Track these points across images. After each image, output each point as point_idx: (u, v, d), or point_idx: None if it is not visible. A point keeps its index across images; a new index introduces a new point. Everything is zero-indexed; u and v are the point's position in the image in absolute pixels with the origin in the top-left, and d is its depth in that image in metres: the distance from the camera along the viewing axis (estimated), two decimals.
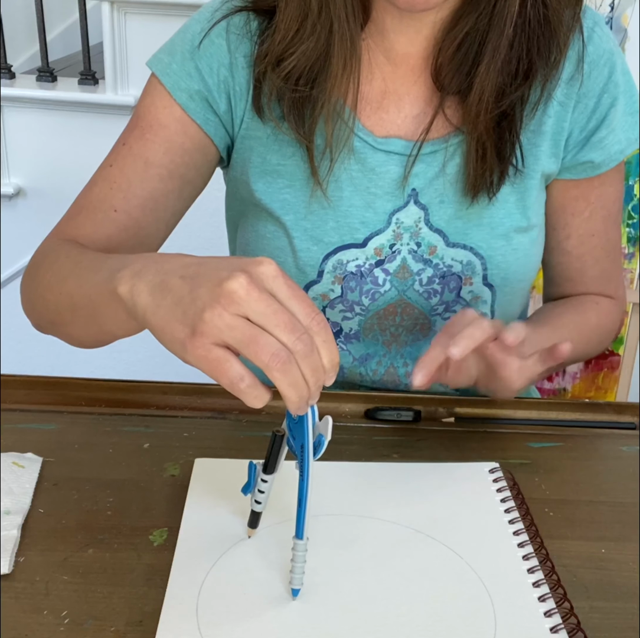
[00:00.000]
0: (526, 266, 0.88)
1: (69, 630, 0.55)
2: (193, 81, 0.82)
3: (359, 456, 0.74)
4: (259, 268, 0.52)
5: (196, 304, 0.51)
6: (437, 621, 0.56)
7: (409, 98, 0.83)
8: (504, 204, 0.84)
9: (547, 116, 0.83)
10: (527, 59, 0.78)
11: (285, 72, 0.78)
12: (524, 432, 0.81)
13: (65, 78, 2.44)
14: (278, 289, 0.52)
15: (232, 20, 0.82)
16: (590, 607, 0.59)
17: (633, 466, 0.76)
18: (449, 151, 0.83)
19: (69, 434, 0.77)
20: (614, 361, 1.56)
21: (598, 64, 0.83)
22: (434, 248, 0.85)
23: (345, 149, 0.82)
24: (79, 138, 2.34)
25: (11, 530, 0.63)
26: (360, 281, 0.85)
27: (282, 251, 0.85)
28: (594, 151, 0.85)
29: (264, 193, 0.84)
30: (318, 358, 0.52)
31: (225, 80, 0.82)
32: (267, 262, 0.52)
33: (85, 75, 2.37)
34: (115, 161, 0.84)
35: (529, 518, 0.66)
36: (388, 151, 0.83)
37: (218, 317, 0.50)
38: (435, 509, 0.68)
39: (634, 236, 1.47)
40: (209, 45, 0.82)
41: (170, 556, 0.61)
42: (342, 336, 0.90)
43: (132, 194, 0.83)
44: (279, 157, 0.83)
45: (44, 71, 2.38)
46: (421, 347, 0.90)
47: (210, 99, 0.83)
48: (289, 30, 0.76)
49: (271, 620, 0.56)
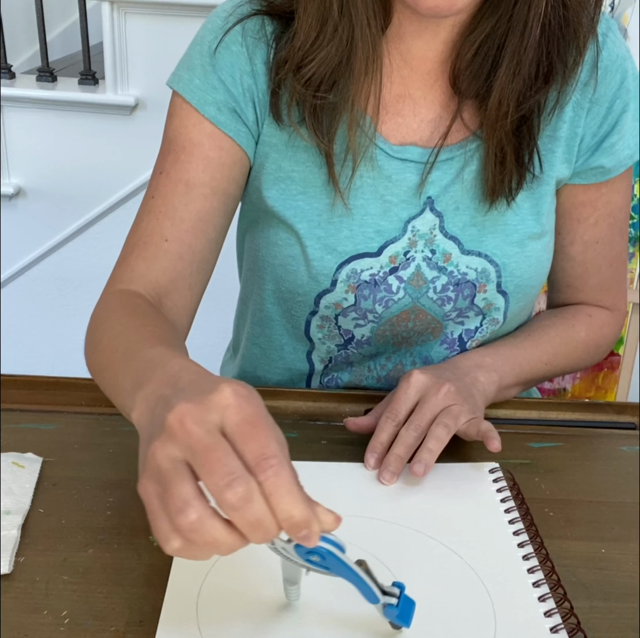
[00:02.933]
0: (538, 272, 0.87)
1: (69, 630, 0.55)
2: (218, 93, 0.80)
3: (359, 456, 0.74)
4: (211, 395, 0.46)
5: (151, 437, 0.48)
6: (437, 621, 0.56)
7: (425, 102, 0.82)
8: (519, 211, 0.84)
9: (562, 122, 0.83)
10: (547, 62, 0.77)
11: (306, 79, 0.76)
12: (524, 432, 0.81)
13: (65, 78, 2.44)
14: (226, 421, 0.45)
15: (247, 24, 0.80)
16: (590, 607, 0.59)
17: (633, 466, 0.76)
18: (466, 157, 0.82)
19: (69, 434, 0.77)
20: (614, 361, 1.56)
21: (611, 70, 0.83)
22: (448, 255, 0.84)
23: (366, 157, 0.80)
24: (79, 138, 2.34)
25: (11, 530, 0.63)
26: (374, 289, 0.84)
27: (294, 259, 0.84)
28: (605, 156, 0.85)
29: (277, 200, 0.83)
30: (260, 509, 0.43)
31: (249, 88, 0.80)
32: (226, 387, 0.46)
33: (85, 76, 2.37)
34: (156, 191, 0.81)
35: (529, 518, 0.66)
36: (404, 159, 0.82)
37: (153, 455, 0.46)
38: (435, 509, 0.68)
39: (634, 236, 1.47)
40: (228, 54, 0.80)
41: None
42: (353, 342, 0.89)
43: (179, 219, 0.80)
44: (293, 163, 0.82)
45: (44, 71, 2.39)
46: (431, 347, 0.90)
47: (238, 110, 0.81)
48: (309, 36, 0.75)
49: (271, 620, 0.56)
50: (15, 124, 2.35)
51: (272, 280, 0.87)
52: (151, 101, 2.30)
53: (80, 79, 2.38)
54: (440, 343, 0.90)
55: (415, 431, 0.71)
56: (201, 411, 0.45)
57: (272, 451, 0.44)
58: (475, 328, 0.89)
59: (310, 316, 0.88)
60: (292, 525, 0.44)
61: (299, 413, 0.83)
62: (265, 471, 0.43)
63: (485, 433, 0.71)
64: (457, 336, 0.89)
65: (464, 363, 0.81)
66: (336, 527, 0.47)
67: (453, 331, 0.89)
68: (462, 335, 0.89)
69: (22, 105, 2.34)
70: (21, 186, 2.43)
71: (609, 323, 0.95)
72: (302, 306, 0.87)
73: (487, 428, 0.72)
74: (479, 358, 0.82)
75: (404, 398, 0.74)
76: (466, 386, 0.76)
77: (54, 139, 2.36)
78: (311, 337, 0.90)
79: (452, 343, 0.90)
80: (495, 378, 0.81)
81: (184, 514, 0.44)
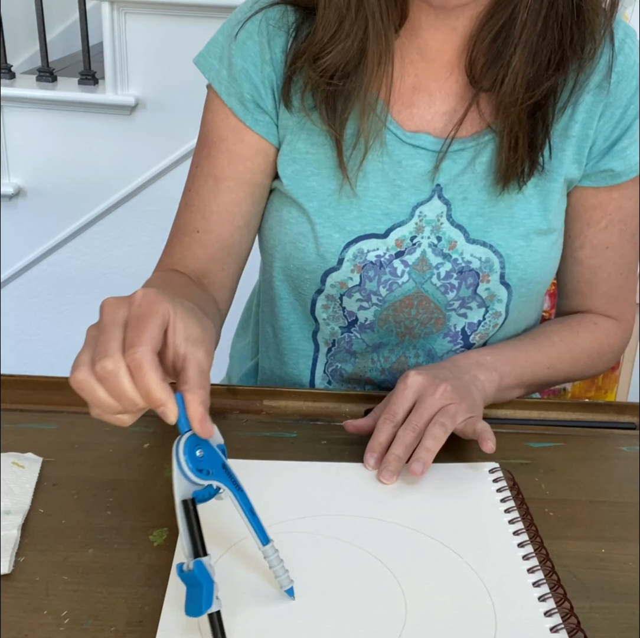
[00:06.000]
0: (544, 268, 0.88)
1: (69, 630, 0.55)
2: (241, 83, 0.84)
3: (359, 456, 0.74)
4: (130, 295, 0.57)
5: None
6: (437, 621, 0.56)
7: (440, 94, 0.84)
8: (526, 204, 0.85)
9: (574, 122, 0.83)
10: (560, 50, 0.78)
11: (322, 69, 0.80)
12: (524, 432, 0.81)
13: (65, 78, 2.44)
14: (129, 314, 0.56)
15: (269, 13, 0.84)
16: (590, 607, 0.59)
17: (633, 466, 0.76)
18: (478, 149, 0.83)
19: (69, 434, 0.77)
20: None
21: (627, 75, 0.83)
22: (454, 243, 0.85)
23: (377, 142, 0.83)
24: (79, 138, 2.34)
25: (11, 530, 0.63)
26: (379, 271, 0.86)
27: (303, 237, 0.86)
28: (615, 160, 0.85)
29: (291, 179, 0.86)
30: (124, 383, 0.53)
31: (269, 76, 0.84)
32: (140, 290, 0.57)
33: (85, 76, 2.37)
34: (192, 185, 0.90)
35: (529, 518, 0.66)
36: (416, 145, 0.84)
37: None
38: (435, 509, 0.68)
39: None
40: (251, 44, 0.84)
41: (170, 556, 0.61)
42: (357, 325, 0.90)
43: (209, 212, 0.88)
44: (308, 145, 0.85)
45: (44, 71, 2.39)
46: (434, 340, 0.91)
47: (257, 99, 0.85)
48: (328, 31, 0.79)
49: (271, 619, 0.56)
50: (15, 124, 2.35)
51: (281, 258, 0.90)
52: (151, 101, 2.30)
53: (80, 79, 2.38)
54: (443, 336, 0.90)
55: (413, 432, 0.71)
56: (116, 304, 0.57)
57: (141, 341, 0.53)
58: (478, 321, 0.89)
59: (316, 295, 0.90)
60: (151, 401, 0.53)
61: (299, 413, 0.83)
62: (130, 355, 0.53)
63: (481, 433, 0.71)
64: (460, 329, 0.90)
65: (464, 361, 0.81)
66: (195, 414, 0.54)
67: (456, 324, 0.89)
68: (465, 328, 0.90)
69: (22, 105, 2.34)
70: (21, 186, 2.43)
71: (615, 332, 0.95)
72: (309, 284, 0.89)
73: (483, 428, 0.72)
74: (479, 356, 0.83)
75: (402, 399, 0.74)
76: (464, 384, 0.77)
77: (54, 139, 2.36)
78: (316, 317, 0.92)
79: (456, 336, 0.90)
80: (495, 377, 0.81)
81: (101, 362, 0.53)
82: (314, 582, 0.59)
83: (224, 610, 0.53)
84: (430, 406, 0.72)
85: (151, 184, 2.38)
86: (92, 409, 0.56)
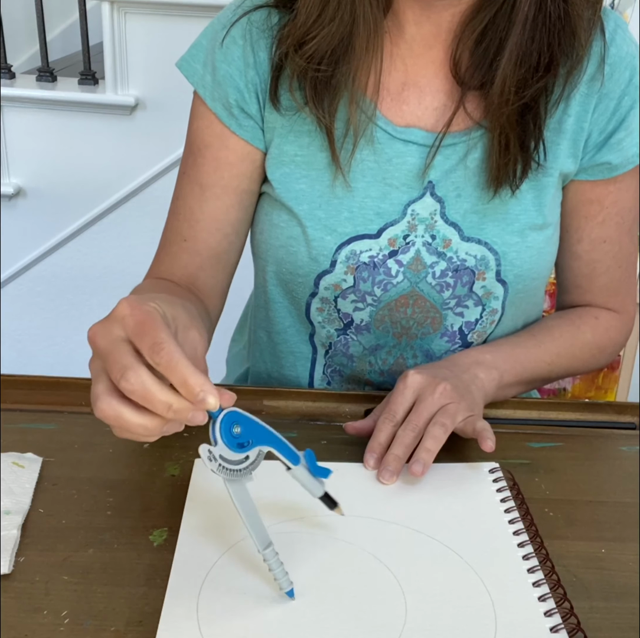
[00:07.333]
0: (540, 264, 0.87)
1: (69, 630, 0.55)
2: (227, 87, 0.83)
3: (358, 456, 0.74)
4: (112, 312, 0.55)
5: None
6: (437, 621, 0.56)
7: (430, 90, 0.84)
8: (521, 200, 0.84)
9: (567, 115, 0.83)
10: (549, 53, 0.78)
11: (307, 55, 0.78)
12: (524, 432, 0.81)
13: (65, 78, 2.44)
14: (125, 329, 0.53)
15: (253, 16, 0.83)
16: (590, 607, 0.59)
17: (633, 466, 0.76)
18: (470, 144, 0.83)
19: (69, 434, 0.77)
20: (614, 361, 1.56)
21: (620, 66, 0.83)
22: (448, 241, 0.85)
23: (365, 137, 0.82)
24: (79, 138, 2.34)
25: (11, 530, 0.63)
26: (372, 271, 0.85)
27: (295, 240, 0.86)
28: (612, 153, 0.85)
29: (280, 183, 0.85)
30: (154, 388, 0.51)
31: (252, 80, 0.83)
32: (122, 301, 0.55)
33: (85, 76, 2.37)
34: (179, 193, 0.90)
35: (529, 518, 0.66)
36: (407, 140, 0.83)
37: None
38: (435, 509, 0.68)
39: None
40: (235, 49, 0.83)
41: (170, 556, 0.61)
42: (352, 327, 0.90)
43: (194, 220, 0.88)
44: (297, 148, 0.84)
45: (44, 71, 2.39)
46: (432, 340, 0.91)
47: (242, 103, 0.84)
48: (310, 14, 0.77)
49: (271, 619, 0.56)
50: (15, 124, 2.36)
51: (274, 262, 0.89)
52: (151, 101, 2.30)
53: (80, 79, 2.38)
54: (440, 336, 0.90)
55: (413, 431, 0.71)
56: (104, 326, 0.54)
57: (161, 338, 0.51)
58: (475, 320, 0.89)
59: (310, 299, 0.89)
60: (188, 390, 0.50)
61: (299, 413, 0.83)
62: (158, 353, 0.51)
63: (480, 433, 0.71)
64: (458, 329, 0.90)
65: (464, 360, 0.81)
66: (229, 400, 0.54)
67: (453, 324, 0.89)
68: (462, 328, 0.90)
69: (22, 105, 2.34)
70: (21, 186, 2.43)
71: (616, 325, 0.94)
72: (302, 288, 0.88)
73: (483, 427, 0.72)
74: (479, 354, 0.83)
75: (401, 398, 0.74)
76: (464, 383, 0.77)
77: (54, 139, 2.36)
78: (312, 320, 0.91)
79: (453, 335, 0.90)
80: (495, 375, 0.81)
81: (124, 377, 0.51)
82: (314, 582, 0.59)
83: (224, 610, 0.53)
84: (429, 405, 0.72)
85: (151, 184, 2.38)
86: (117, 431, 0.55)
